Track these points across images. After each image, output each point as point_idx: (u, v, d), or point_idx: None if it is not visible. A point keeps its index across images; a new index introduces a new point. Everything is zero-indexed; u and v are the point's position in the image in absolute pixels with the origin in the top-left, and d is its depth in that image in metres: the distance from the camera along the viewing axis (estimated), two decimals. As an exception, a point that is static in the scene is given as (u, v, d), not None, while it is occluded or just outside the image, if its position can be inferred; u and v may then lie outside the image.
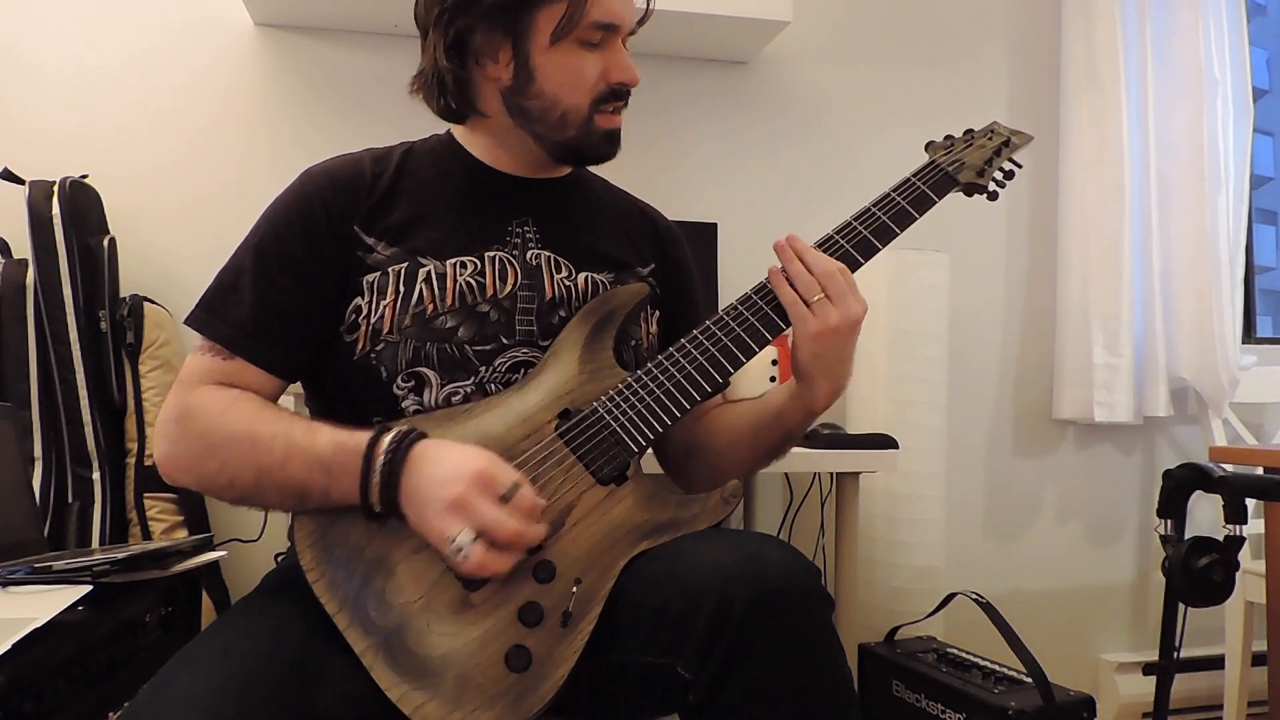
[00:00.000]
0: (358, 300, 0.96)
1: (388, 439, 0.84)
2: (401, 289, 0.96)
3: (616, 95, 1.02)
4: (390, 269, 0.96)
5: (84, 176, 1.73)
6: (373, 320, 0.95)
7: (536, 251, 1.03)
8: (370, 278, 0.96)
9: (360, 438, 0.85)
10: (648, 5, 1.07)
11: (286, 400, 1.02)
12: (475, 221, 1.02)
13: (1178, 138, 2.27)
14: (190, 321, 0.95)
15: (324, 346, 0.97)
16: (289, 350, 0.96)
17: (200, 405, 0.89)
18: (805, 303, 0.92)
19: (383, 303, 0.95)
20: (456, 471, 0.81)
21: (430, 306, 0.96)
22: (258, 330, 0.93)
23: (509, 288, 0.99)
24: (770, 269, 0.96)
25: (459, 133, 1.09)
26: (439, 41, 1.00)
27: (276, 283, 0.94)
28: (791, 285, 0.94)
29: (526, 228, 1.04)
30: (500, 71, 1.00)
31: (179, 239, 1.86)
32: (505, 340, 0.97)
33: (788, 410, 1.00)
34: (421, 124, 1.14)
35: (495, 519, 0.80)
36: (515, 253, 1.02)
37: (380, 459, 0.83)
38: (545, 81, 0.99)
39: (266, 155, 1.92)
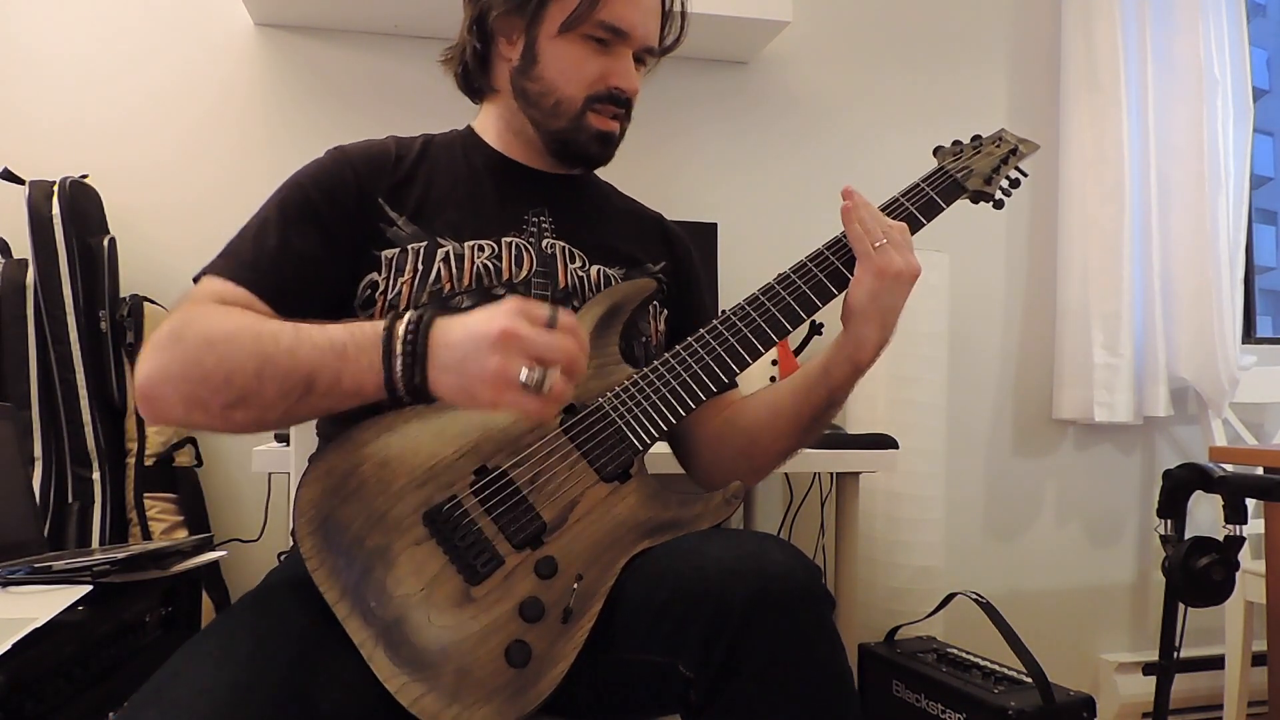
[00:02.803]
0: (373, 276, 0.97)
1: (406, 319, 0.80)
2: (420, 267, 0.98)
3: (614, 100, 1.04)
4: (410, 247, 0.98)
5: (84, 176, 1.73)
6: (389, 296, 0.96)
7: (551, 241, 1.05)
8: (389, 253, 0.98)
9: (375, 324, 0.81)
10: (674, 37, 1.11)
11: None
12: (493, 207, 1.04)
13: (1178, 138, 2.27)
14: (207, 268, 0.93)
15: (335, 321, 0.96)
16: (299, 297, 0.93)
17: (201, 313, 0.86)
18: (870, 241, 0.94)
19: (400, 280, 0.97)
20: (490, 315, 0.76)
21: (447, 286, 0.97)
22: (274, 269, 0.93)
23: (524, 273, 1.01)
24: (842, 208, 0.97)
25: (477, 125, 1.12)
26: (467, 16, 1.07)
27: (299, 232, 0.95)
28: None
29: (543, 217, 1.06)
30: (511, 51, 1.05)
31: (180, 239, 1.86)
32: None
33: (834, 364, 0.98)
34: (423, 124, 1.15)
35: (549, 343, 0.75)
36: (531, 240, 1.04)
37: (402, 336, 0.79)
38: (545, 67, 1.03)
39: (267, 156, 1.92)
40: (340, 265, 0.97)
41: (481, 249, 1.00)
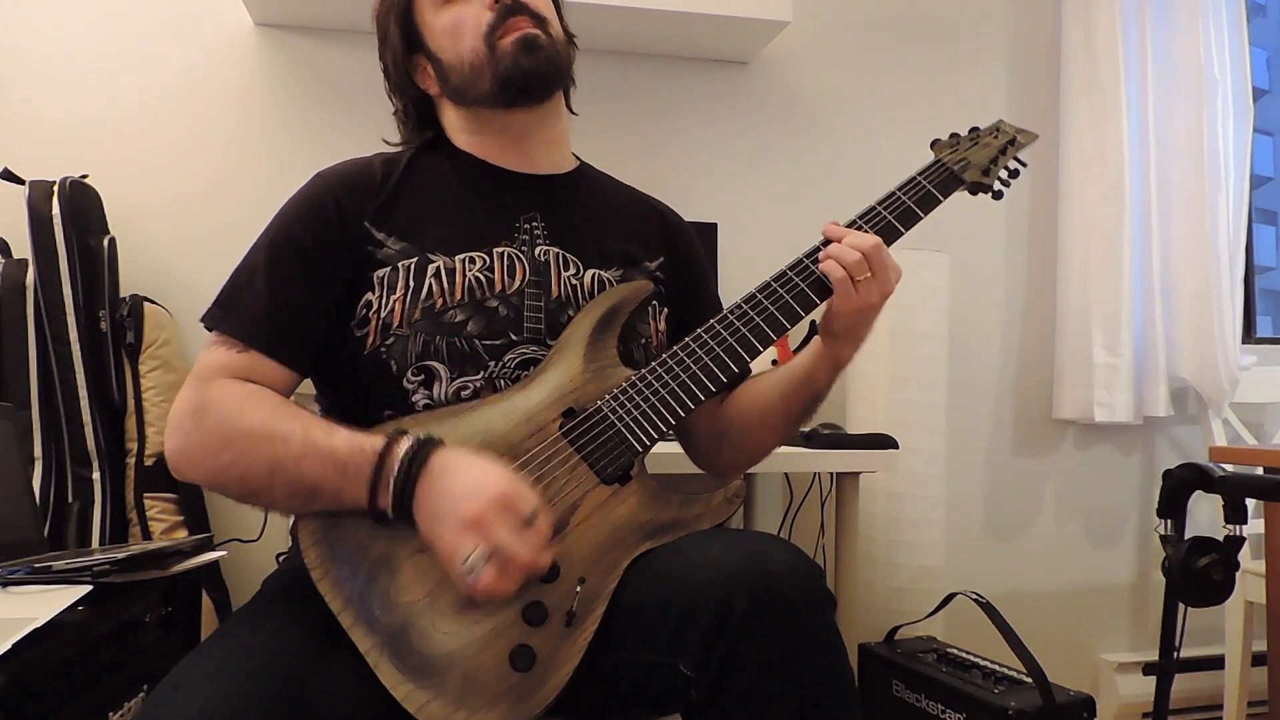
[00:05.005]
0: (368, 295, 0.97)
1: (404, 445, 0.84)
2: (411, 283, 0.96)
3: (506, 13, 1.02)
4: (400, 264, 0.97)
5: (84, 176, 1.73)
6: (383, 315, 0.96)
7: (545, 248, 1.03)
8: (380, 273, 0.97)
9: (377, 440, 0.84)
10: None
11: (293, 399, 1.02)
12: (484, 218, 1.03)
13: (1178, 138, 2.27)
14: (206, 319, 0.95)
15: (334, 342, 0.98)
16: (303, 344, 0.96)
17: (217, 399, 0.89)
18: (852, 280, 0.94)
19: (393, 297, 0.96)
20: (479, 489, 0.80)
21: (440, 301, 0.96)
22: (273, 324, 0.93)
23: (517, 284, 1.00)
24: (821, 256, 0.97)
25: (457, 141, 1.10)
26: (398, 100, 1.11)
27: (289, 278, 0.95)
28: (840, 264, 0.95)
29: (535, 224, 1.05)
30: (435, 83, 1.07)
31: (180, 239, 1.86)
32: (514, 336, 0.98)
33: (817, 370, 1.02)
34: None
35: (512, 543, 0.79)
36: (524, 249, 1.02)
37: (396, 464, 0.83)
38: (444, 54, 1.04)
39: (266, 156, 1.91)
40: (334, 298, 0.97)
41: (473, 261, 0.99)
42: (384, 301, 0.96)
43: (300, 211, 0.99)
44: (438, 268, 0.98)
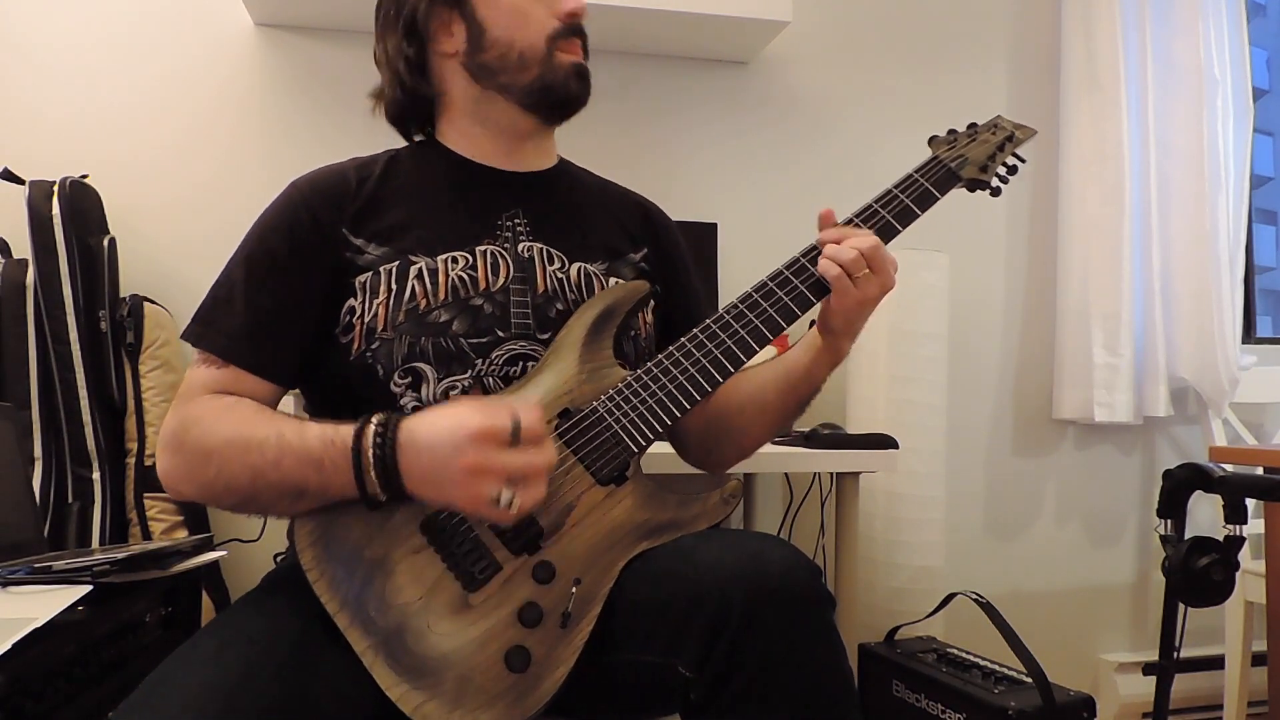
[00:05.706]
0: (351, 301, 0.96)
1: (371, 430, 0.83)
2: (394, 286, 0.96)
3: (571, 31, 1.03)
4: (381, 268, 0.97)
5: (84, 176, 1.73)
6: (367, 319, 0.96)
7: (528, 244, 1.03)
8: (362, 278, 0.97)
9: (346, 432, 0.84)
10: None
11: (285, 404, 1.02)
12: (464, 216, 1.03)
13: (1178, 138, 2.26)
14: (186, 336, 0.96)
15: (319, 349, 0.98)
16: (283, 356, 0.96)
17: (196, 415, 0.90)
18: (850, 276, 0.94)
19: (376, 301, 0.96)
20: (455, 439, 0.79)
21: (423, 302, 0.96)
22: (251, 338, 0.94)
23: (501, 281, 1.00)
24: (819, 258, 0.97)
25: (440, 136, 1.10)
26: (391, 41, 1.06)
27: (267, 290, 0.95)
28: (836, 260, 0.95)
29: (517, 220, 1.04)
30: (452, 41, 1.04)
31: (180, 239, 1.86)
32: (501, 333, 0.98)
33: (816, 366, 1.03)
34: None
35: (520, 465, 0.79)
36: (507, 246, 1.02)
37: (370, 452, 0.82)
38: (495, 28, 1.02)
39: (266, 156, 1.92)
40: (312, 308, 0.97)
41: (455, 261, 0.99)
42: (367, 306, 0.96)
43: (275, 223, 0.98)
44: (420, 269, 0.97)
